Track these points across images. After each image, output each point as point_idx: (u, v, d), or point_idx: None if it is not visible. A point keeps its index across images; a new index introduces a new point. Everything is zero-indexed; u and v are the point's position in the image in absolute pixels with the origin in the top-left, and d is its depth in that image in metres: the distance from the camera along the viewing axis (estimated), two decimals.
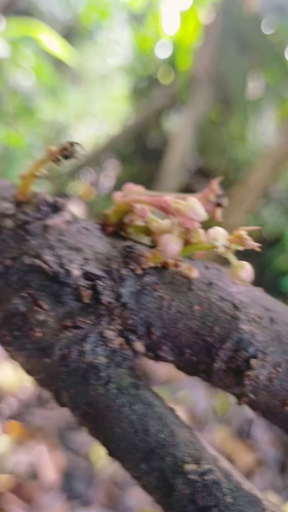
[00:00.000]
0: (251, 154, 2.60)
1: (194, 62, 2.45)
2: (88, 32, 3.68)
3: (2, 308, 0.19)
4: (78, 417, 0.18)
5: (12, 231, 0.21)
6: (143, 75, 2.97)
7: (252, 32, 2.00)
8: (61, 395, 0.18)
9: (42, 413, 1.54)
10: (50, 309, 0.19)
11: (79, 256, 0.20)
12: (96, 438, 0.18)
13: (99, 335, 0.18)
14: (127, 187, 0.23)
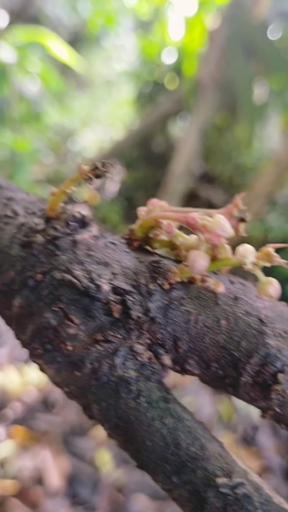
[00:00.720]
0: (256, 160, 2.61)
1: (200, 67, 2.46)
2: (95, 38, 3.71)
3: (34, 322, 0.20)
4: (108, 430, 0.18)
5: (43, 246, 0.21)
6: (148, 80, 2.99)
7: (258, 38, 2.01)
8: (91, 408, 0.19)
9: (46, 418, 1.54)
10: (80, 323, 0.19)
11: (107, 271, 0.21)
12: (126, 451, 0.19)
13: (129, 349, 0.19)
14: (151, 202, 0.23)
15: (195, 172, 2.83)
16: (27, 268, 0.21)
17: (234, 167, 2.77)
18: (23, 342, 0.21)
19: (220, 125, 2.59)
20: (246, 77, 1.66)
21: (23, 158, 2.22)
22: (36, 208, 0.24)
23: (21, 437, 1.48)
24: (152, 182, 2.98)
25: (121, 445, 0.19)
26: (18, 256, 0.22)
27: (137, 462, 0.18)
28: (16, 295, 0.21)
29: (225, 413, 1.59)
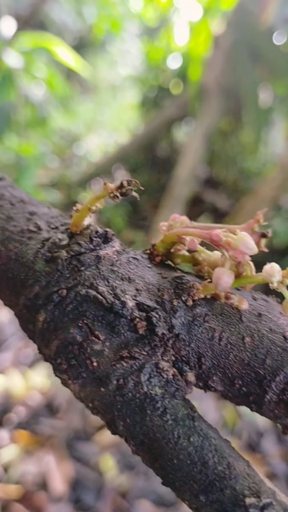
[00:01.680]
0: (261, 165, 2.61)
1: (204, 72, 2.47)
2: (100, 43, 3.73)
3: (58, 337, 0.20)
4: (133, 446, 0.19)
5: (67, 261, 0.21)
6: (153, 85, 3.01)
7: (263, 43, 2.02)
8: (116, 424, 0.19)
9: (50, 422, 1.53)
10: (105, 339, 0.19)
11: (131, 286, 0.21)
12: (152, 468, 0.19)
13: (154, 366, 0.19)
14: (172, 217, 0.24)
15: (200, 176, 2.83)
16: (51, 283, 0.21)
17: (238, 171, 2.77)
18: (47, 357, 0.21)
19: (225, 130, 2.60)
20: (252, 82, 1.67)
21: (28, 162, 2.23)
22: (58, 223, 0.24)
23: (25, 442, 1.48)
24: (156, 186, 2.99)
25: (146, 462, 0.19)
26: (43, 271, 0.22)
27: (162, 479, 0.18)
28: (40, 310, 0.21)
29: (229, 419, 1.58)
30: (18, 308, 0.22)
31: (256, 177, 2.65)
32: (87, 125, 3.53)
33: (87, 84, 4.49)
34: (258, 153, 1.87)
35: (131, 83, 3.29)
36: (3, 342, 1.80)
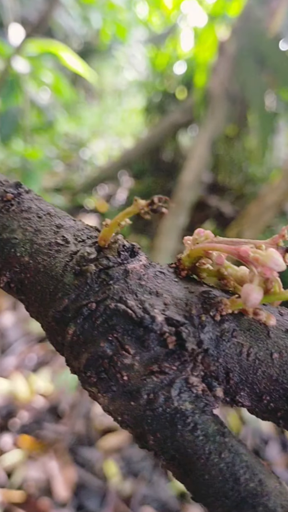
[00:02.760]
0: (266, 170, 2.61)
1: (210, 78, 2.48)
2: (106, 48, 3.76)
3: (88, 350, 0.20)
4: (164, 461, 0.19)
5: (96, 275, 0.22)
6: (159, 90, 3.02)
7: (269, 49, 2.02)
8: (146, 438, 0.19)
9: (54, 427, 1.53)
10: (135, 353, 0.20)
11: (159, 301, 0.21)
12: (183, 483, 0.19)
13: (184, 381, 0.19)
14: (197, 231, 0.24)
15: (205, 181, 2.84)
16: (81, 296, 0.21)
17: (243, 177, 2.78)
18: (75, 369, 0.21)
19: (230, 135, 2.61)
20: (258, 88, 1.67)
21: (34, 166, 2.24)
22: (84, 236, 0.24)
23: (28, 447, 1.48)
24: (161, 191, 3.00)
25: (177, 476, 0.19)
26: (72, 284, 0.22)
27: (193, 495, 0.19)
28: (70, 323, 0.21)
29: (234, 425, 1.58)
30: (46, 320, 0.22)
31: (261, 182, 2.66)
32: (92, 130, 3.55)
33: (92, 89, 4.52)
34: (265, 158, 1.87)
35: (137, 88, 3.31)
36: (7, 347, 1.80)
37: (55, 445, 1.49)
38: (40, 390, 1.64)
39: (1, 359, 1.73)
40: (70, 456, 1.45)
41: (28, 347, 1.81)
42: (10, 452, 1.45)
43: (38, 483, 1.38)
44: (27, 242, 0.24)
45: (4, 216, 0.25)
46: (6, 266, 0.24)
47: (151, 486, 1.41)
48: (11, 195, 0.25)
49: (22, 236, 0.24)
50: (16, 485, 1.36)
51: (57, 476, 1.41)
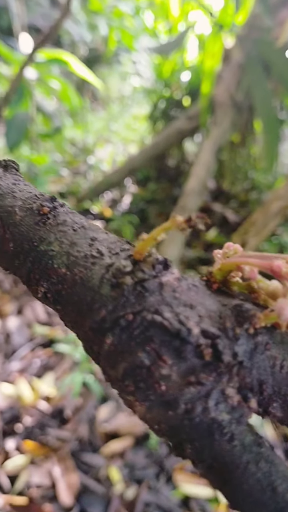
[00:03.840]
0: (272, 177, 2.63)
1: (216, 85, 2.50)
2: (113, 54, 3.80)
3: (126, 360, 0.21)
4: (202, 469, 0.19)
5: (132, 287, 0.23)
6: (164, 96, 3.05)
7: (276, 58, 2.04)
8: (183, 447, 0.20)
9: (57, 433, 1.53)
10: (173, 364, 0.20)
11: (193, 313, 0.22)
12: (221, 491, 0.19)
13: (221, 392, 0.20)
14: (227, 245, 0.25)
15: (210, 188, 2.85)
16: (118, 307, 0.22)
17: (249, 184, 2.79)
18: (112, 378, 0.22)
19: (236, 142, 2.63)
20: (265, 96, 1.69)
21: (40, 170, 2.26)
22: (118, 249, 0.25)
23: (32, 452, 1.48)
24: (165, 196, 3.01)
25: (214, 485, 0.19)
26: (109, 296, 0.23)
27: (231, 503, 0.19)
28: (107, 333, 0.22)
29: None
30: (83, 330, 0.23)
31: (266, 189, 2.67)
32: (98, 135, 3.58)
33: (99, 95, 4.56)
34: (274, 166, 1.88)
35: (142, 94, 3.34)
36: (11, 351, 1.80)
37: (59, 450, 1.49)
38: (44, 395, 1.64)
39: (5, 364, 1.73)
40: (73, 461, 1.44)
41: (32, 352, 1.81)
42: (13, 458, 1.44)
43: (41, 489, 1.38)
44: (63, 254, 0.25)
45: (41, 229, 0.26)
46: (44, 277, 0.25)
47: (154, 493, 1.40)
48: (47, 208, 0.26)
49: (59, 249, 0.25)
50: (19, 491, 1.36)
51: (60, 482, 1.41)
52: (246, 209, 2.71)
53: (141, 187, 3.13)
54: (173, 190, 3.04)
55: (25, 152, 2.41)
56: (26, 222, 0.26)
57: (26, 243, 0.26)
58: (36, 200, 0.27)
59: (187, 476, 1.45)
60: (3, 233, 0.26)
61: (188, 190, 2.18)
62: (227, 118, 2.41)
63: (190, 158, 3.30)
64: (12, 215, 0.27)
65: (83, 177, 3.03)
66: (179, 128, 2.79)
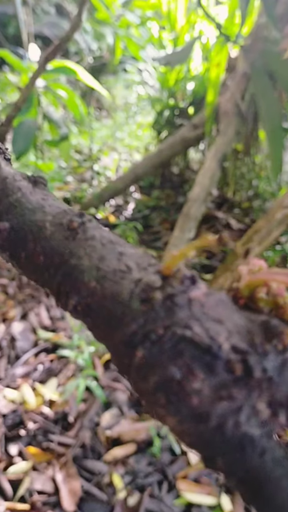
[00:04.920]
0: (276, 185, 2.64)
1: (221, 94, 2.52)
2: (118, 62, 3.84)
3: (157, 373, 0.22)
4: (233, 482, 0.20)
5: (161, 302, 0.23)
6: (169, 104, 3.08)
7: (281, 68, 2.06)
8: (215, 460, 0.20)
9: (60, 439, 1.53)
10: (204, 378, 0.21)
11: (222, 328, 0.22)
12: (252, 505, 0.20)
13: (252, 407, 0.20)
14: (252, 262, 0.25)
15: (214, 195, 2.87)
16: (148, 322, 0.23)
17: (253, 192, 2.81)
18: (143, 391, 0.23)
19: (240, 151, 2.64)
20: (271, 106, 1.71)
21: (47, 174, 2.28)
22: (145, 263, 0.26)
23: (34, 458, 1.47)
24: (169, 203, 3.02)
25: (246, 498, 0.20)
26: (139, 310, 0.23)
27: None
28: (138, 347, 0.23)
29: None
30: (113, 343, 0.24)
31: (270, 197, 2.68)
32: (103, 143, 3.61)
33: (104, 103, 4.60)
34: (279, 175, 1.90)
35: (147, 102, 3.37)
36: (15, 357, 1.80)
37: (61, 457, 1.48)
38: (47, 401, 1.64)
39: (9, 369, 1.74)
40: (76, 468, 1.44)
41: (36, 357, 1.81)
42: (15, 464, 1.44)
43: (43, 495, 1.38)
44: (93, 269, 0.26)
45: (71, 244, 0.27)
46: (74, 291, 0.25)
47: (157, 501, 1.40)
48: (77, 223, 0.27)
49: (88, 263, 0.26)
50: (21, 498, 1.36)
51: (62, 489, 1.41)
52: (250, 217, 2.72)
53: (145, 194, 3.15)
54: (177, 197, 3.05)
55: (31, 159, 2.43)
56: (56, 237, 0.27)
57: (56, 257, 0.27)
58: (65, 215, 0.28)
59: (190, 484, 1.44)
60: (33, 246, 0.27)
61: (193, 198, 2.19)
62: (232, 127, 2.43)
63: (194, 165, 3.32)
64: (42, 230, 0.27)
65: (88, 184, 3.05)
66: (183, 136, 2.81)
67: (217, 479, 1.47)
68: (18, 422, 1.53)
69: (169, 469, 1.46)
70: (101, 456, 1.46)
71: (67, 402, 1.60)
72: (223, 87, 2.57)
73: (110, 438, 1.52)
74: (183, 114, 3.12)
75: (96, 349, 1.77)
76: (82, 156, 3.48)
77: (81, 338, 1.78)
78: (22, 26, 3.06)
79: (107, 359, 1.80)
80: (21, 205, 0.29)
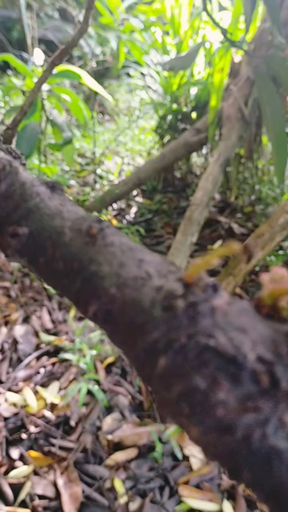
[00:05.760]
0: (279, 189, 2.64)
1: (224, 98, 2.53)
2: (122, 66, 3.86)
3: (181, 383, 0.21)
4: (259, 496, 0.20)
5: (184, 310, 0.23)
6: (172, 108, 3.09)
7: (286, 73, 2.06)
8: (240, 472, 0.20)
9: (61, 443, 1.52)
10: (229, 389, 0.21)
11: (247, 338, 0.22)
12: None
13: (279, 419, 0.20)
14: (274, 271, 0.25)
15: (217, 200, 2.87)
16: (171, 330, 0.23)
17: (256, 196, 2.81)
18: (165, 399, 0.22)
19: (243, 155, 2.65)
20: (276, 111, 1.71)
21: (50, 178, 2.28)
22: (165, 270, 0.26)
23: (35, 463, 1.46)
24: (171, 208, 3.02)
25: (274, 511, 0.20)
26: (161, 318, 0.23)
27: None
28: (161, 355, 0.22)
29: None
30: (134, 350, 0.23)
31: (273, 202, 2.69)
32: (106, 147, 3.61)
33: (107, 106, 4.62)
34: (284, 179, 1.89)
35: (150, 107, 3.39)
36: (17, 360, 1.80)
37: (63, 461, 1.47)
38: (48, 405, 1.63)
39: (11, 372, 1.73)
40: (77, 473, 1.43)
41: (37, 361, 1.80)
42: (16, 469, 1.43)
43: (44, 500, 1.37)
44: (113, 275, 0.25)
45: (91, 250, 0.26)
46: (94, 297, 0.25)
47: (159, 507, 1.39)
48: (96, 229, 0.27)
49: (108, 269, 0.26)
50: (22, 503, 1.35)
51: (63, 493, 1.40)
52: (252, 222, 2.72)
53: (148, 198, 3.15)
54: (179, 201, 3.05)
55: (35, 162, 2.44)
56: (75, 243, 0.27)
57: (75, 263, 0.26)
58: (84, 221, 0.28)
59: (192, 490, 1.43)
60: (52, 252, 0.27)
61: (195, 202, 2.19)
62: (235, 132, 2.44)
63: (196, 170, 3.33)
64: (61, 236, 0.27)
65: (91, 188, 3.06)
66: (186, 140, 2.82)
67: (219, 485, 1.46)
68: (20, 426, 1.52)
69: (170, 474, 1.45)
70: (103, 460, 1.45)
71: (68, 405, 1.60)
72: (226, 92, 2.58)
73: (111, 442, 1.51)
74: (186, 118, 3.13)
75: (98, 352, 1.76)
76: (84, 159, 3.49)
77: (83, 341, 1.77)
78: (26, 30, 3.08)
79: (108, 363, 1.79)
80: (40, 210, 0.29)
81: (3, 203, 0.28)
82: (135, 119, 3.89)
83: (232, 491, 1.42)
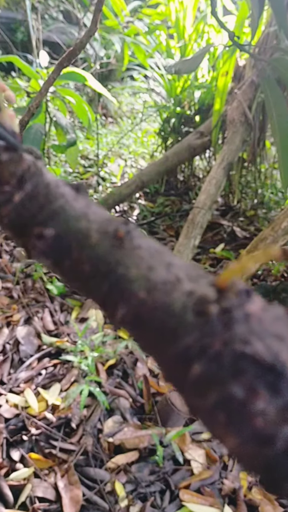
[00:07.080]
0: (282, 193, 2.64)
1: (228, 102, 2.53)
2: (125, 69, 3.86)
3: (216, 390, 0.21)
4: None
5: (217, 316, 0.22)
6: (176, 111, 3.09)
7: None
8: (279, 485, 0.19)
9: (62, 446, 1.51)
10: (268, 398, 0.20)
11: (284, 345, 0.21)
12: None
13: None
14: None
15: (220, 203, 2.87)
16: (204, 336, 0.22)
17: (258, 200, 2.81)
18: (199, 407, 0.22)
19: (246, 159, 2.65)
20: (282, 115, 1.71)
21: None
22: (195, 274, 0.25)
23: (36, 465, 1.45)
24: (173, 210, 3.02)
25: None
26: (194, 323, 0.23)
27: None
28: (194, 362, 0.22)
29: None
30: (165, 356, 0.23)
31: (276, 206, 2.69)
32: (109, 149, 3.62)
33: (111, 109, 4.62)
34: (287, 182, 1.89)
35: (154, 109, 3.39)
36: (18, 361, 1.79)
37: (63, 464, 1.46)
38: (49, 407, 1.62)
39: (12, 374, 1.72)
40: (78, 476, 1.42)
41: (39, 362, 1.79)
42: (17, 471, 1.42)
43: (44, 503, 1.36)
44: (142, 278, 0.25)
45: (118, 253, 0.26)
46: (122, 301, 0.25)
47: None
48: (123, 232, 0.26)
49: (137, 272, 0.25)
50: (22, 506, 1.33)
51: (64, 496, 1.39)
52: (254, 226, 2.72)
53: (150, 201, 3.15)
54: (182, 204, 3.05)
55: None
56: (102, 245, 0.26)
57: (102, 266, 0.26)
58: (111, 223, 0.27)
59: (193, 494, 1.42)
60: (78, 254, 0.26)
61: (198, 205, 2.19)
62: (238, 135, 2.44)
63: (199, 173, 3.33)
64: (88, 238, 0.27)
65: (94, 190, 3.05)
66: (190, 143, 2.82)
67: (220, 490, 1.45)
68: (21, 427, 1.51)
69: (171, 478, 1.44)
70: (103, 463, 1.44)
71: (70, 407, 1.58)
72: (230, 95, 2.58)
73: (112, 445, 1.50)
74: (189, 121, 3.13)
75: (99, 354, 1.75)
76: (87, 161, 3.48)
77: (85, 343, 1.77)
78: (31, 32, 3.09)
79: (110, 365, 1.78)
80: (65, 212, 0.28)
81: (28, 204, 0.28)
82: (139, 121, 3.89)
83: (233, 496, 1.41)
